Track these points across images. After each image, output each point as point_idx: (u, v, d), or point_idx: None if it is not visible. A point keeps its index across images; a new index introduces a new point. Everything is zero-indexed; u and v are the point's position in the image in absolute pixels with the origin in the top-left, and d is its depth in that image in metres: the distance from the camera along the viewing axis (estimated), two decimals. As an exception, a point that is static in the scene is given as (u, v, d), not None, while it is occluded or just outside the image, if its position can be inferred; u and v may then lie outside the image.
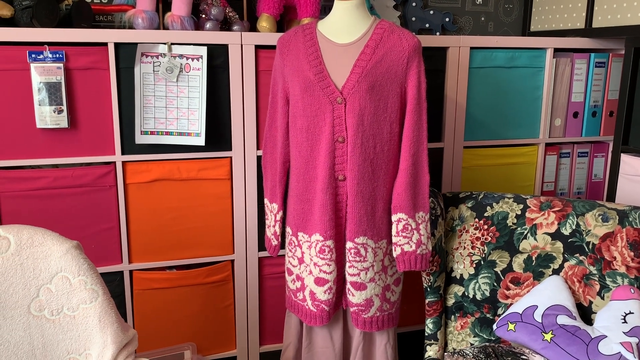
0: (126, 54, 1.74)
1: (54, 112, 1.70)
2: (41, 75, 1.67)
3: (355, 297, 1.61)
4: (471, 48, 2.06)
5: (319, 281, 1.61)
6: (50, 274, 1.27)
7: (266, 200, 1.76)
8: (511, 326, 1.53)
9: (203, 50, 1.78)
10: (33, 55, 1.66)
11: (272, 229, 1.74)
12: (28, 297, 1.27)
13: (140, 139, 1.79)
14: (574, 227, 1.62)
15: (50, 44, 1.68)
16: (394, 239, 1.58)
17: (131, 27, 1.82)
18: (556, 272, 1.62)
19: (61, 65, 1.68)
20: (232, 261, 1.99)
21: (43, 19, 1.67)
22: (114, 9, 1.91)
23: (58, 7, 1.73)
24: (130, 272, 1.89)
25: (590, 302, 1.56)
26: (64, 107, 1.71)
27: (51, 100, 1.69)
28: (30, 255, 1.26)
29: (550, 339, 1.44)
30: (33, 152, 1.73)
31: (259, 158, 1.90)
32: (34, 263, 1.26)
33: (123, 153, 1.80)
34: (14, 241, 1.26)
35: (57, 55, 1.68)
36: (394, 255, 1.59)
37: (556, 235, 1.63)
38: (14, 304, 1.26)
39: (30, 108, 1.69)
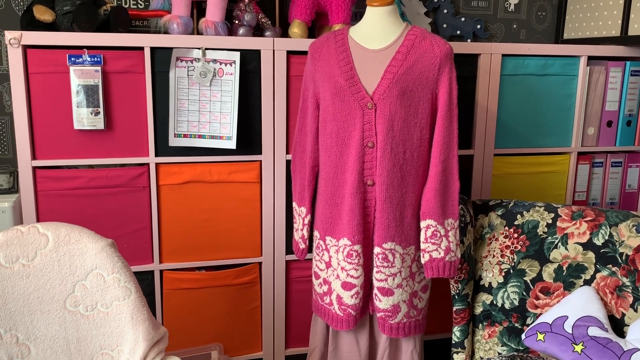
0: (161, 58, 1.78)
1: (91, 113, 1.75)
2: (80, 78, 1.72)
3: (382, 303, 1.61)
4: (503, 55, 2.04)
5: (346, 285, 1.61)
6: (86, 270, 1.30)
7: (294, 204, 1.78)
8: (540, 336, 1.51)
9: (236, 56, 1.81)
10: (72, 59, 1.72)
11: (300, 232, 1.76)
12: (64, 292, 1.30)
13: (173, 142, 1.82)
14: (606, 237, 1.59)
15: (89, 47, 1.73)
16: (422, 246, 1.58)
17: (166, 32, 1.86)
18: (587, 282, 1.59)
19: (99, 68, 1.73)
20: (260, 263, 2.01)
21: (83, 24, 1.72)
22: (150, 14, 1.96)
23: (97, 12, 1.78)
24: (161, 271, 1.92)
25: (623, 315, 1.53)
26: (101, 109, 1.75)
27: (88, 102, 1.74)
28: (67, 252, 1.30)
29: (581, 350, 1.42)
30: (70, 152, 1.78)
31: (288, 162, 1.92)
32: (70, 260, 1.30)
33: (157, 155, 1.84)
34: (52, 238, 1.30)
35: (96, 59, 1.73)
36: (422, 261, 1.59)
37: (588, 246, 1.61)
38: (51, 299, 1.30)
39: (69, 110, 1.75)
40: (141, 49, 1.77)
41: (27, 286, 1.29)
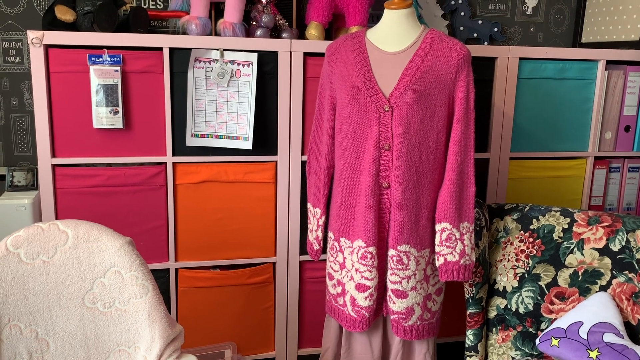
0: (180, 58, 1.80)
1: (110, 113, 1.77)
2: (99, 77, 1.75)
3: (396, 305, 1.61)
4: (520, 59, 2.03)
5: (360, 287, 1.62)
6: (104, 268, 1.32)
7: (309, 205, 1.78)
8: (555, 341, 1.50)
9: (253, 57, 1.82)
10: (93, 58, 1.74)
11: (314, 233, 1.76)
12: (83, 289, 1.32)
13: (190, 141, 1.84)
14: (623, 243, 1.58)
15: (109, 47, 1.75)
16: (437, 249, 1.58)
17: (185, 33, 1.88)
18: (603, 288, 1.58)
19: (118, 68, 1.76)
20: (274, 263, 2.02)
21: (103, 24, 1.75)
22: (169, 15, 1.97)
23: (117, 13, 1.80)
24: (176, 270, 1.94)
25: (639, 321, 1.52)
26: (120, 109, 1.77)
27: (108, 101, 1.76)
28: (86, 249, 1.32)
29: (596, 356, 1.41)
30: (89, 150, 1.80)
31: (303, 163, 1.92)
32: (89, 257, 1.32)
33: (174, 154, 1.86)
34: (71, 235, 1.32)
35: (115, 59, 1.75)
36: (437, 264, 1.59)
37: (604, 251, 1.60)
38: (70, 296, 1.32)
39: (88, 108, 1.77)
40: (160, 49, 1.79)
41: (47, 282, 1.31)
